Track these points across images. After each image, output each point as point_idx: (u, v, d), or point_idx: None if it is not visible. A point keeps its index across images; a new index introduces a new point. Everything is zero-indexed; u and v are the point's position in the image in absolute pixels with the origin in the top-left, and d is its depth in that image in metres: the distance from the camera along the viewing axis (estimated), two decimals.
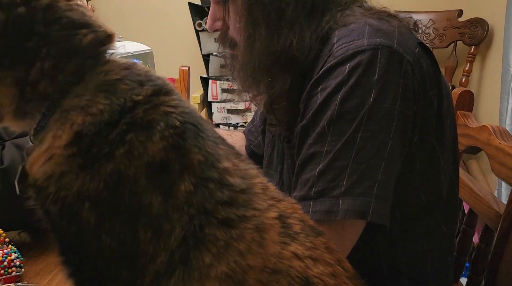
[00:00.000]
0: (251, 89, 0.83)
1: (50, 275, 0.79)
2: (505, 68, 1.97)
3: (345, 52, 0.69)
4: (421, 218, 0.78)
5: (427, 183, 0.77)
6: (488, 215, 0.94)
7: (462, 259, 1.08)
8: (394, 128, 0.68)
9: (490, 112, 2.33)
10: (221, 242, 0.46)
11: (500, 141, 0.91)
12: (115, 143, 0.45)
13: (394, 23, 0.74)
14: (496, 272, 0.89)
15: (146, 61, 1.40)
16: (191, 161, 0.48)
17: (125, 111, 0.46)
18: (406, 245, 0.79)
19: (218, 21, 0.84)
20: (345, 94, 0.68)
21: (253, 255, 0.46)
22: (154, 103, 0.48)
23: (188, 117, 0.50)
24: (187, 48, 3.06)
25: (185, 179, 0.46)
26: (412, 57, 0.70)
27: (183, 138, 0.48)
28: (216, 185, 0.48)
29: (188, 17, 2.72)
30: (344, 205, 0.65)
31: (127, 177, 0.45)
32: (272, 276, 0.46)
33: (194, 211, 0.46)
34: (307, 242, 0.51)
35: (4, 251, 0.77)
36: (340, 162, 0.67)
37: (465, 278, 1.02)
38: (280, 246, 0.48)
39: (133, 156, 0.45)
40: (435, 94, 0.74)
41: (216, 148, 0.51)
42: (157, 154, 0.46)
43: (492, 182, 2.14)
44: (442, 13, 2.50)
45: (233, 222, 0.47)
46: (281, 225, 0.50)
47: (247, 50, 0.78)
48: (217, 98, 2.73)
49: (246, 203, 0.49)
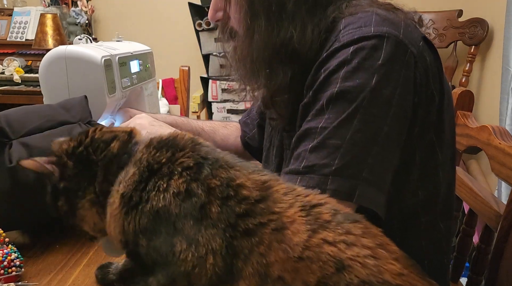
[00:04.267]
0: (250, 82, 0.83)
1: (50, 275, 0.79)
2: (505, 68, 1.98)
3: (351, 37, 0.69)
4: (419, 214, 0.78)
5: (425, 178, 0.76)
6: (488, 215, 0.94)
7: (462, 259, 1.08)
8: (392, 116, 0.67)
9: (490, 112, 2.33)
10: (245, 249, 0.53)
11: (500, 141, 0.91)
12: (149, 190, 0.58)
13: (401, 15, 0.74)
14: (496, 272, 0.89)
15: (146, 61, 1.40)
16: (209, 186, 0.57)
17: (154, 171, 0.60)
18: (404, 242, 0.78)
19: (219, 11, 0.84)
20: (347, 73, 0.67)
21: (273, 252, 0.52)
22: (173, 160, 0.60)
23: (202, 157, 0.60)
24: (187, 48, 3.06)
25: (211, 200, 0.56)
26: (416, 49, 0.70)
27: (199, 172, 0.58)
28: (234, 201, 0.56)
29: (188, 17, 2.72)
30: (333, 184, 0.65)
31: (162, 207, 0.57)
32: (300, 263, 0.51)
33: (224, 226, 0.55)
34: (338, 228, 0.53)
35: (4, 251, 0.77)
36: (335, 140, 0.66)
37: (465, 278, 1.02)
38: (306, 235, 0.52)
39: (160, 192, 0.58)
40: (437, 89, 0.73)
41: (231, 170, 0.59)
42: (180, 186, 0.57)
43: (492, 182, 2.14)
44: (442, 13, 2.51)
45: (251, 231, 0.54)
46: (305, 215, 0.54)
47: (247, 41, 0.78)
48: (217, 98, 2.73)
49: (263, 211, 0.55)
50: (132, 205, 0.59)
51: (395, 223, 0.75)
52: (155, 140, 0.64)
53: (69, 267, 0.82)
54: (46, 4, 3.08)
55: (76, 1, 3.11)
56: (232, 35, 0.84)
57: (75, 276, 0.79)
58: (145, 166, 0.61)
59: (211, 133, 1.13)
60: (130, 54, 1.27)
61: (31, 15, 3.06)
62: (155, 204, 0.58)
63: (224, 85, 2.68)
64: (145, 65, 1.38)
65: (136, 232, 0.59)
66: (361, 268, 0.50)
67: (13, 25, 3.05)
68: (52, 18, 2.67)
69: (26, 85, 2.68)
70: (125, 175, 0.62)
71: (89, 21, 3.11)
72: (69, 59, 1.05)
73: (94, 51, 1.08)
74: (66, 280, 0.78)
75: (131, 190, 0.60)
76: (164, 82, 2.31)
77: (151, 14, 3.17)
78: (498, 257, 0.88)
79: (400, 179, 0.72)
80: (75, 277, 0.79)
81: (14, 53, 2.93)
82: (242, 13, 0.77)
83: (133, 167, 0.62)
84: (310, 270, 0.50)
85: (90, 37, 1.97)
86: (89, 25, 3.13)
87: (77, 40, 2.01)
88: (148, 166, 0.60)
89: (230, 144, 1.15)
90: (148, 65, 1.41)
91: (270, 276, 0.51)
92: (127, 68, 1.22)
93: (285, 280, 0.51)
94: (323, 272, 0.50)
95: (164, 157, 0.60)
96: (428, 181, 0.77)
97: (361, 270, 0.50)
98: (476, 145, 1.01)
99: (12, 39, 3.00)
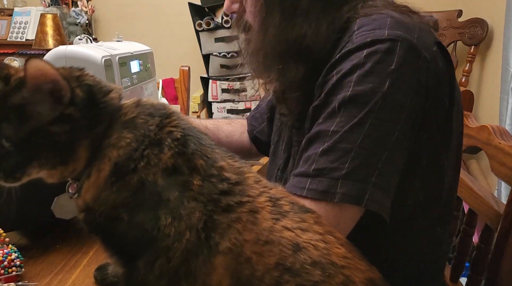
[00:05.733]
0: (262, 75, 0.83)
1: (50, 275, 0.79)
2: (505, 68, 1.97)
3: (365, 39, 0.69)
4: (417, 218, 0.78)
5: (428, 183, 0.76)
6: (488, 215, 0.94)
7: (462, 259, 1.08)
8: (403, 121, 0.67)
9: (490, 112, 2.33)
10: (224, 224, 0.57)
11: (500, 141, 0.91)
12: (138, 159, 0.59)
13: (416, 19, 0.74)
14: (496, 272, 0.89)
15: (146, 61, 1.40)
16: (195, 164, 0.60)
17: (144, 138, 0.60)
18: (400, 244, 0.78)
19: (235, 3, 0.84)
20: (359, 77, 0.67)
21: (247, 232, 0.57)
22: (161, 126, 0.61)
23: (187, 131, 0.63)
24: (187, 48, 3.06)
25: (194, 177, 0.59)
26: (430, 54, 0.70)
27: (185, 146, 0.61)
28: (217, 179, 0.59)
29: (188, 17, 2.72)
30: (343, 188, 0.65)
31: (148, 182, 0.58)
32: (265, 246, 0.56)
33: (205, 200, 0.57)
34: (295, 217, 0.59)
35: (4, 251, 0.77)
36: (345, 144, 0.66)
37: (465, 278, 1.02)
38: (272, 222, 0.58)
39: (151, 166, 0.58)
40: (447, 94, 0.73)
41: (212, 152, 0.62)
42: (168, 160, 0.59)
43: (492, 182, 2.14)
44: (442, 13, 2.51)
45: (232, 208, 0.58)
46: (272, 205, 0.59)
47: (261, 35, 0.78)
48: (217, 98, 2.72)
49: (241, 192, 0.59)
50: (121, 176, 0.58)
51: (393, 224, 0.75)
52: (141, 102, 0.65)
53: (69, 267, 0.82)
54: (46, 4, 3.08)
55: (76, 1, 3.12)
56: (246, 28, 0.84)
57: (75, 276, 0.79)
58: (141, 134, 0.60)
59: (215, 131, 1.13)
60: (130, 54, 1.27)
61: (31, 15, 3.07)
62: (143, 176, 0.58)
63: (224, 85, 2.67)
64: (145, 65, 1.38)
65: (115, 205, 0.58)
66: (313, 250, 0.56)
67: (13, 25, 3.05)
68: (52, 18, 2.66)
69: None
70: (118, 139, 0.60)
71: (89, 21, 3.12)
72: (69, 59, 1.06)
73: (94, 51, 1.08)
74: (66, 280, 0.78)
75: (125, 160, 0.59)
76: (164, 82, 2.31)
77: (151, 14, 3.17)
78: (498, 257, 0.88)
79: (404, 182, 0.72)
80: (75, 277, 0.79)
81: (14, 53, 2.94)
82: (257, 7, 0.77)
83: (127, 131, 0.61)
84: (271, 253, 0.56)
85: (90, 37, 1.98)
86: (89, 25, 3.13)
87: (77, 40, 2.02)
88: (141, 134, 0.60)
89: (235, 140, 1.14)
90: (148, 65, 1.42)
91: (243, 255, 0.56)
92: (127, 68, 1.22)
93: (252, 262, 0.55)
94: (282, 254, 0.55)
95: (153, 123, 0.61)
96: (430, 185, 0.77)
97: (313, 251, 0.56)
98: (476, 144, 1.01)
99: (12, 39, 3.01)
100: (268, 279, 0.54)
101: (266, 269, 0.55)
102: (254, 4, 0.78)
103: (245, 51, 0.85)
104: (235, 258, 0.55)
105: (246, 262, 0.55)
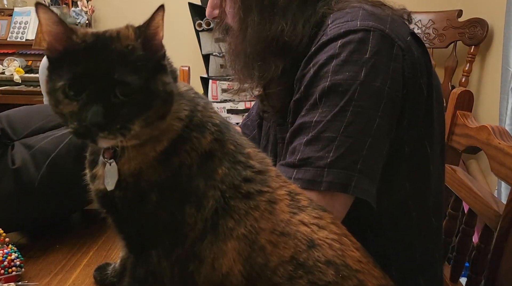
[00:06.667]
0: (245, 75, 0.85)
1: (50, 275, 0.79)
2: (504, 68, 1.97)
3: (338, 31, 0.71)
4: (410, 209, 0.79)
5: (413, 171, 0.77)
6: (488, 215, 0.94)
7: (462, 259, 1.08)
8: (383, 107, 0.69)
9: (490, 112, 2.33)
10: (242, 210, 0.57)
11: (500, 141, 0.91)
12: (186, 141, 0.58)
13: (388, 11, 0.76)
14: (496, 272, 0.89)
15: None
16: (228, 149, 0.61)
17: (193, 116, 0.60)
18: (395, 237, 0.79)
19: (216, 8, 0.86)
20: (336, 67, 0.69)
21: (264, 220, 0.57)
22: (205, 108, 0.62)
23: (220, 118, 0.64)
24: (187, 48, 3.06)
25: (223, 164, 0.59)
26: (404, 43, 0.72)
27: (222, 132, 0.62)
28: (242, 166, 0.60)
29: (188, 17, 2.72)
30: (329, 176, 0.66)
31: (185, 166, 0.58)
32: (280, 238, 0.57)
33: (226, 187, 0.58)
34: (313, 213, 0.60)
35: (4, 251, 0.77)
36: (329, 134, 0.68)
37: (465, 278, 1.02)
38: (289, 215, 0.59)
39: (192, 149, 0.58)
40: (425, 82, 0.74)
41: (240, 138, 0.64)
42: (207, 146, 0.59)
43: (492, 182, 2.14)
44: (442, 13, 2.51)
45: (252, 195, 0.59)
46: (290, 199, 0.60)
47: (241, 35, 0.80)
48: (217, 98, 2.72)
49: (263, 181, 0.60)
50: (169, 155, 0.57)
51: (386, 216, 0.75)
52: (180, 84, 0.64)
53: (69, 267, 0.82)
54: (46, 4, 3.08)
55: (76, 1, 3.11)
56: (227, 31, 0.87)
57: (75, 276, 0.79)
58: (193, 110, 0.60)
59: None
60: None
61: (31, 15, 3.06)
62: (183, 160, 0.57)
63: (224, 85, 2.67)
64: None
65: (151, 184, 0.57)
66: (328, 248, 0.57)
67: (13, 25, 3.05)
68: None
69: (26, 85, 2.69)
70: (179, 108, 0.59)
71: (89, 21, 3.11)
72: None
73: None
74: (66, 280, 0.78)
75: (178, 137, 0.58)
76: None
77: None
78: (498, 257, 0.88)
79: (389, 171, 0.73)
80: (75, 277, 0.79)
81: (14, 53, 2.93)
82: (235, 8, 0.80)
83: (184, 102, 0.60)
84: (286, 246, 0.56)
85: None
86: (89, 25, 3.13)
87: None
88: (193, 109, 0.60)
89: None
90: None
91: (257, 243, 0.56)
92: None
93: (266, 251, 0.56)
94: (297, 248, 0.56)
95: (200, 103, 0.62)
96: (416, 174, 0.78)
97: (328, 250, 0.56)
98: (476, 144, 1.01)
99: (12, 39, 3.00)
100: (282, 272, 0.55)
101: (280, 262, 0.55)
102: (233, 6, 0.81)
103: (227, 53, 0.87)
104: (250, 244, 0.56)
105: (260, 250, 0.56)
